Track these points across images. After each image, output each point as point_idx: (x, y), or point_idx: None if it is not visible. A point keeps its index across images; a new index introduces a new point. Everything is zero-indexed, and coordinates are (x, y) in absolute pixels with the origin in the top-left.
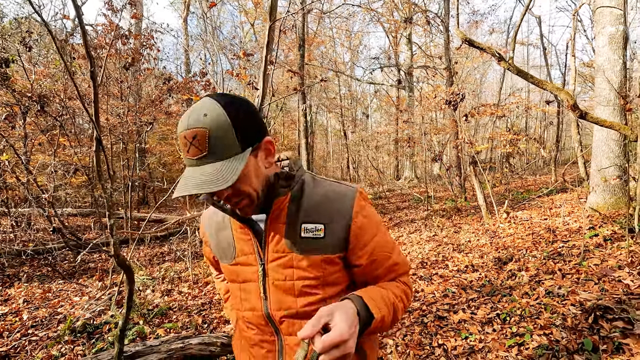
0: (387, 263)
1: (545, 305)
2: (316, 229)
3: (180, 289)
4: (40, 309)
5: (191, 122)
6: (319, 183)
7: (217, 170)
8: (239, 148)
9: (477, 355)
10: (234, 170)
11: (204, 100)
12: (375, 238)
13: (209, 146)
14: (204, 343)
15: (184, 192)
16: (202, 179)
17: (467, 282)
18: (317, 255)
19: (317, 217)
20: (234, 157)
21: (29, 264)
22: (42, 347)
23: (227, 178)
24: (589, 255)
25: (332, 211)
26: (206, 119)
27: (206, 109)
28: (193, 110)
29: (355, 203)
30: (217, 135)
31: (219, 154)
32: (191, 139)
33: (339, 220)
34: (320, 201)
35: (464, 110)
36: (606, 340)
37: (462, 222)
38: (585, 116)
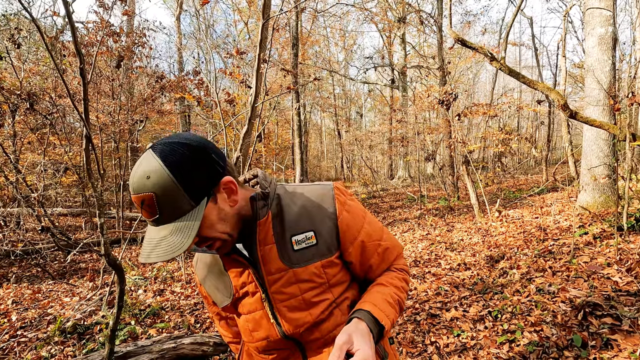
0: (379, 249)
1: (536, 302)
2: (307, 237)
3: (172, 289)
4: (29, 309)
5: (136, 188)
6: (294, 193)
7: (172, 234)
8: (191, 204)
9: (469, 352)
10: (189, 232)
11: (146, 157)
12: (362, 230)
13: (159, 209)
14: (197, 343)
15: (146, 260)
16: (160, 246)
17: (459, 280)
18: (316, 262)
19: (304, 226)
20: (189, 214)
21: (18, 265)
22: (31, 348)
23: (183, 243)
24: (579, 253)
25: (316, 216)
26: (149, 183)
27: (149, 170)
28: (136, 171)
29: (336, 201)
30: (165, 198)
31: (172, 216)
32: (140, 203)
33: (325, 221)
34: (302, 211)
35: (457, 109)
36: (595, 336)
37: (455, 221)
38: (575, 116)
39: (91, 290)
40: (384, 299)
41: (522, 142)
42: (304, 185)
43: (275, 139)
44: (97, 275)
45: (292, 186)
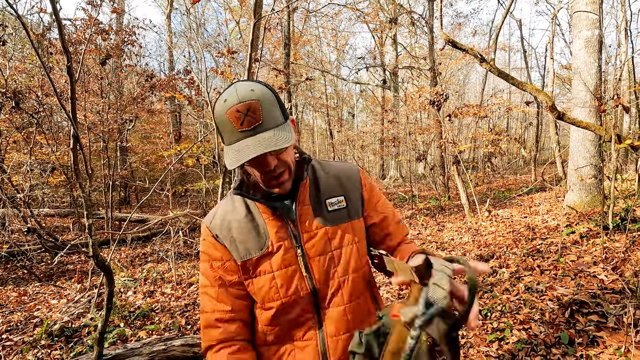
0: (395, 219)
1: (524, 300)
2: (339, 201)
3: (163, 290)
4: (15, 312)
5: (242, 96)
6: (325, 165)
7: (274, 135)
8: (283, 119)
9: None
10: (287, 136)
11: (239, 82)
12: (380, 200)
13: (263, 115)
14: (187, 344)
15: (251, 154)
16: (264, 143)
17: None
18: (346, 222)
19: (337, 192)
20: (282, 127)
21: (3, 267)
22: (17, 352)
23: (287, 138)
24: (566, 252)
25: (346, 185)
26: (255, 93)
27: (249, 85)
28: (236, 89)
29: (361, 176)
30: (267, 106)
31: (272, 123)
32: (245, 110)
33: (354, 190)
34: (334, 179)
35: (448, 110)
36: (582, 333)
37: (446, 221)
38: (562, 117)
39: (79, 292)
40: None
41: (512, 143)
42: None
43: None
44: (85, 277)
45: (323, 160)
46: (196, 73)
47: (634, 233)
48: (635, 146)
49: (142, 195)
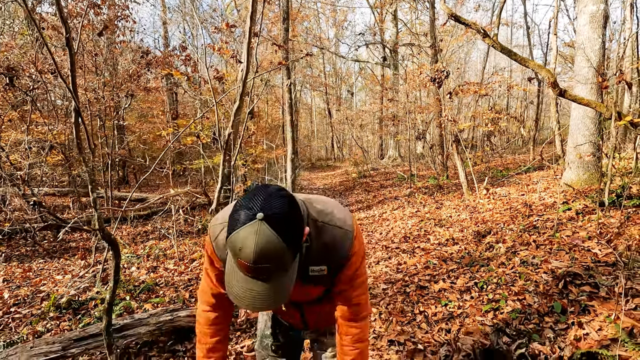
0: (355, 300)
1: (519, 273)
2: (321, 270)
3: (166, 266)
4: (21, 287)
5: (258, 259)
6: (321, 230)
7: (276, 289)
8: (291, 262)
9: (455, 320)
10: (289, 288)
11: (264, 232)
12: (354, 283)
13: (271, 273)
14: (193, 315)
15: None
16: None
17: (447, 254)
18: (320, 286)
19: (322, 261)
20: (288, 272)
21: (6, 244)
22: (26, 324)
23: (284, 295)
24: (562, 227)
25: (332, 257)
26: (273, 258)
27: (271, 247)
28: (256, 242)
29: (352, 250)
30: (280, 266)
31: (277, 276)
32: (253, 271)
33: (338, 264)
34: (323, 249)
35: (448, 88)
36: (574, 303)
37: (444, 199)
38: (564, 94)
39: (83, 268)
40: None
41: (511, 122)
42: (329, 224)
43: (266, 118)
44: (88, 253)
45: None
46: (192, 50)
47: (629, 209)
48: (635, 123)
49: (140, 175)
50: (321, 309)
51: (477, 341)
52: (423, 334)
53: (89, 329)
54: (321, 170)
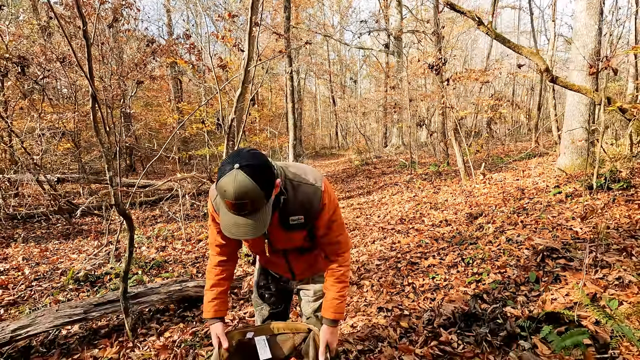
0: (333, 240)
1: (504, 250)
2: (299, 219)
3: (174, 246)
4: (40, 264)
5: (237, 196)
6: (296, 188)
7: (255, 222)
8: (265, 202)
9: (440, 291)
10: (265, 221)
11: (240, 176)
12: (331, 225)
13: (249, 209)
14: (200, 286)
15: (237, 236)
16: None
17: (439, 234)
18: (299, 231)
19: (299, 212)
20: (265, 207)
21: (22, 227)
22: (48, 295)
23: (262, 226)
24: (550, 209)
25: (308, 209)
26: (247, 195)
27: (245, 186)
28: (235, 184)
29: (322, 201)
30: (255, 204)
31: (255, 211)
32: (235, 207)
33: (312, 213)
34: (299, 204)
35: (447, 75)
36: (548, 274)
37: (442, 184)
38: (555, 80)
39: (96, 248)
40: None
41: (513, 109)
42: (301, 181)
43: (269, 106)
44: (100, 235)
45: (293, 177)
46: (196, 38)
47: (616, 192)
48: (623, 109)
49: (147, 163)
50: (305, 259)
51: (457, 307)
52: (410, 302)
53: (107, 296)
54: (325, 159)
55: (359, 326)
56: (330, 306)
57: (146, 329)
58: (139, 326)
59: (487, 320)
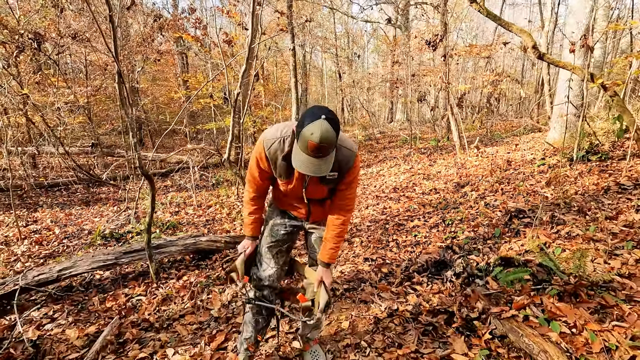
0: (349, 196)
1: (481, 212)
2: (333, 175)
3: (186, 211)
4: (67, 226)
5: (322, 140)
6: (338, 149)
7: (325, 164)
8: (334, 149)
9: (420, 246)
10: (331, 163)
11: (325, 125)
12: (352, 182)
13: (325, 152)
14: (211, 240)
15: (311, 172)
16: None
17: (427, 201)
18: (331, 185)
19: (335, 169)
20: (332, 154)
21: (44, 195)
22: (79, 249)
23: (328, 168)
24: (530, 178)
25: (342, 168)
26: (328, 139)
27: (329, 133)
28: (321, 131)
29: (353, 165)
30: (330, 148)
31: (327, 155)
32: (319, 149)
33: (344, 171)
34: (338, 162)
35: (448, 50)
36: (512, 230)
37: (439, 158)
38: (542, 57)
39: (116, 212)
40: (334, 252)
41: (515, 85)
42: (344, 143)
43: (275, 81)
44: (118, 202)
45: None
46: (201, 12)
47: (594, 163)
48: (604, 85)
49: (156, 137)
50: (322, 206)
51: (431, 257)
52: (392, 255)
53: (134, 246)
54: None
55: (347, 271)
56: (327, 253)
57: (167, 274)
58: (161, 272)
59: (453, 266)
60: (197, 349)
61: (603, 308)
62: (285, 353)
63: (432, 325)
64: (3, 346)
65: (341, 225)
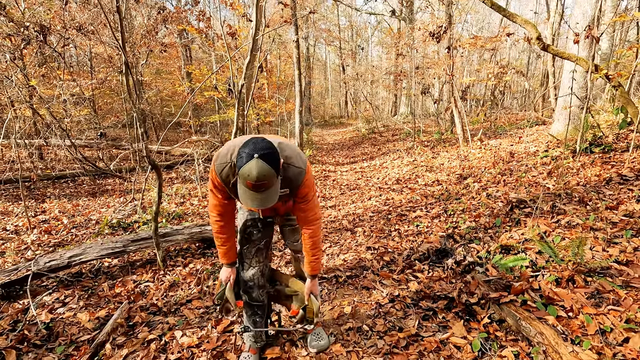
0: (308, 208)
1: (483, 203)
2: (285, 191)
3: (191, 202)
4: (75, 216)
5: (258, 179)
6: (287, 168)
7: (269, 196)
8: (276, 181)
9: (422, 235)
10: (277, 193)
11: (259, 163)
12: (308, 198)
13: (266, 189)
14: None
15: (257, 207)
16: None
17: (430, 192)
18: (283, 200)
19: (286, 186)
20: (275, 185)
21: (52, 187)
22: (88, 237)
23: (275, 198)
24: (532, 170)
25: (292, 183)
26: (266, 177)
27: (265, 171)
28: (254, 170)
29: (302, 182)
30: (270, 183)
31: (269, 188)
32: (256, 187)
33: (294, 187)
34: (287, 180)
35: (452, 42)
36: (513, 220)
37: (442, 150)
38: (547, 48)
39: (122, 203)
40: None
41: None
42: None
43: (278, 74)
44: (124, 194)
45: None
46: (204, 3)
47: (597, 155)
48: (608, 76)
49: (159, 130)
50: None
51: (432, 246)
52: (394, 244)
53: (141, 234)
54: (334, 127)
55: (349, 260)
56: (309, 267)
57: (173, 262)
58: (167, 259)
59: (454, 254)
60: (204, 331)
61: (599, 293)
62: (290, 335)
63: (432, 310)
64: (18, 328)
65: (311, 237)
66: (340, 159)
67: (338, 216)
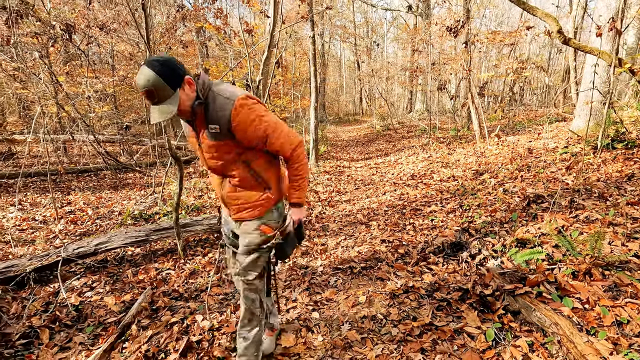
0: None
1: (499, 198)
2: (215, 128)
3: (209, 195)
4: (99, 208)
5: (140, 85)
6: (214, 97)
7: (165, 108)
8: (172, 91)
9: (436, 229)
10: (174, 105)
11: (144, 70)
12: (255, 127)
13: (157, 97)
14: None
15: (152, 120)
16: (159, 114)
17: (445, 187)
18: (219, 141)
19: (215, 122)
20: (172, 97)
21: (76, 180)
22: (112, 227)
23: (171, 110)
24: (550, 166)
25: (220, 118)
26: (149, 83)
27: (147, 76)
28: (140, 77)
29: (233, 112)
30: (158, 90)
31: (163, 99)
32: (145, 95)
33: (224, 122)
34: (214, 113)
35: (469, 37)
36: (530, 214)
37: (458, 147)
38: (568, 42)
39: (143, 196)
40: (293, 189)
41: (538, 72)
42: (221, 92)
43: (294, 71)
44: (145, 187)
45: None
46: (221, 1)
47: (619, 151)
48: (633, 70)
49: (177, 127)
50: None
51: (447, 239)
52: (409, 237)
53: (163, 224)
54: (348, 124)
55: (364, 252)
56: (290, 193)
57: (193, 251)
58: (187, 249)
59: (469, 248)
60: (224, 316)
61: (617, 287)
62: (305, 320)
63: (446, 301)
64: (50, 309)
65: (291, 166)
66: (355, 155)
67: (352, 210)
